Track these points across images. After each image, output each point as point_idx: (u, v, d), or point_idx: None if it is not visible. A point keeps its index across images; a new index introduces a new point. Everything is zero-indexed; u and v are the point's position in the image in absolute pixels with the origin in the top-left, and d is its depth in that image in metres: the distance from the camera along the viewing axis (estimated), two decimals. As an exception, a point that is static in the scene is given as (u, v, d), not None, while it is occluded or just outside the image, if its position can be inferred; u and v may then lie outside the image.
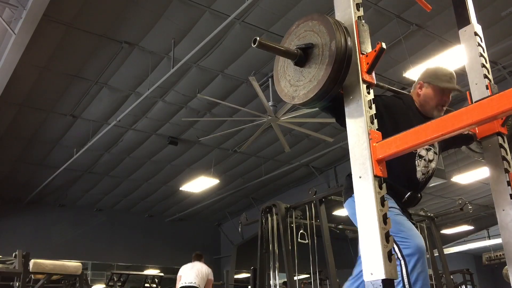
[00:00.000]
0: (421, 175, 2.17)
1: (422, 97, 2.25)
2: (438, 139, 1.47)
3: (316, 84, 1.67)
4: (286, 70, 1.88)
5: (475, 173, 10.00)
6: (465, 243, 17.51)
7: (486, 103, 1.33)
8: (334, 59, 1.60)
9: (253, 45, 1.70)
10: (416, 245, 1.91)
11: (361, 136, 1.55)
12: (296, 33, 1.85)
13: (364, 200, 1.48)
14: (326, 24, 1.69)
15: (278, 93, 1.90)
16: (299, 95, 1.76)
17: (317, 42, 1.72)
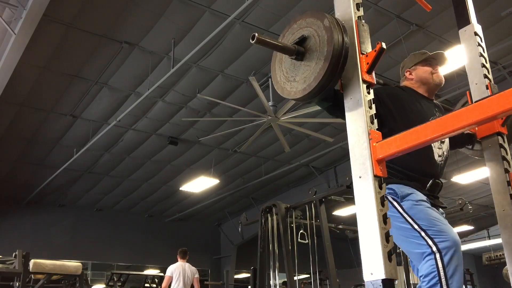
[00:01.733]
0: (438, 157, 2.17)
1: (415, 80, 2.29)
2: (438, 139, 1.47)
3: (313, 79, 1.70)
4: (282, 66, 1.90)
5: (475, 173, 10.00)
6: (465, 243, 17.51)
7: (486, 103, 1.33)
8: (331, 54, 1.63)
9: (251, 41, 1.72)
10: (453, 238, 1.84)
11: (361, 136, 1.55)
12: (294, 29, 1.90)
13: (364, 200, 1.48)
14: (322, 20, 1.75)
15: (275, 89, 1.92)
16: (297, 90, 1.79)
17: (313, 36, 1.76)
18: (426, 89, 2.26)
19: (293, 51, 1.80)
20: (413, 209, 1.91)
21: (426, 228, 1.85)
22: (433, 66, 2.29)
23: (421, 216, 1.89)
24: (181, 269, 6.91)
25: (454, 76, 6.74)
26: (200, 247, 13.95)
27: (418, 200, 1.94)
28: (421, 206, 1.92)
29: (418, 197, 1.96)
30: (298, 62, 1.81)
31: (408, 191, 1.97)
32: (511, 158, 1.73)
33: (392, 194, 1.97)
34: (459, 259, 1.83)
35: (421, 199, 1.96)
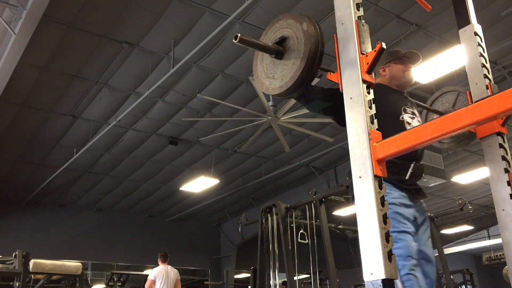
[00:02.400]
0: None
1: (388, 76, 2.41)
2: (438, 139, 1.47)
3: (290, 78, 1.83)
4: (263, 62, 2.03)
5: (475, 173, 10.00)
6: (465, 243, 17.51)
7: (486, 103, 1.33)
8: (307, 56, 1.77)
9: (234, 40, 1.84)
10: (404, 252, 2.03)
11: (361, 136, 1.56)
12: (276, 28, 2.01)
13: (364, 200, 1.48)
14: (301, 22, 1.86)
15: (255, 83, 2.07)
16: (275, 87, 1.92)
17: (292, 37, 1.87)
18: (397, 85, 2.40)
19: (273, 50, 1.93)
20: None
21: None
22: (405, 64, 2.41)
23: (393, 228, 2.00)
24: (164, 272, 7.10)
25: (454, 76, 6.74)
26: (200, 247, 13.95)
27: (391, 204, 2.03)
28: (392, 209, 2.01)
29: (392, 197, 2.10)
30: (277, 60, 1.93)
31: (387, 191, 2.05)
32: (511, 158, 1.73)
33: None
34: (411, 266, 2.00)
35: (393, 202, 2.08)
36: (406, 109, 2.30)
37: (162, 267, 7.18)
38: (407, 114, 2.27)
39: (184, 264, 14.30)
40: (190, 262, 14.19)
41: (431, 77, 6.66)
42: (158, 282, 6.96)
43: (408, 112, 2.30)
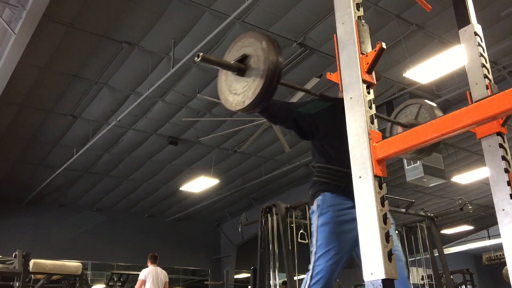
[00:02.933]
0: None
1: None
2: (438, 139, 1.47)
3: (251, 94, 1.95)
4: (228, 79, 2.14)
5: (475, 173, 10.00)
6: (465, 243, 17.51)
7: (486, 103, 1.34)
8: (266, 73, 1.87)
9: (196, 59, 1.96)
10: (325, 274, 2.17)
11: (361, 136, 1.56)
12: (238, 46, 2.12)
13: (364, 200, 1.48)
14: (261, 41, 1.96)
15: (220, 99, 2.18)
16: (237, 103, 2.03)
17: (253, 56, 1.99)
18: None
19: (234, 68, 2.04)
20: (323, 227, 2.19)
21: (318, 249, 2.18)
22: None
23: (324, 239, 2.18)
24: (154, 273, 7.25)
25: (454, 76, 6.75)
26: (200, 247, 13.95)
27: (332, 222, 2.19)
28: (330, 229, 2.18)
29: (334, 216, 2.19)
30: (240, 77, 2.04)
31: (329, 207, 2.21)
32: (511, 158, 1.73)
33: (318, 207, 2.24)
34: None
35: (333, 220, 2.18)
36: None
37: (152, 268, 7.38)
38: None
39: (184, 264, 14.32)
40: (190, 262, 14.20)
41: (431, 77, 6.66)
42: (148, 282, 7.14)
43: None
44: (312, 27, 6.08)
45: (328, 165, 2.30)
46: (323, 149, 2.35)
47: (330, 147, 2.33)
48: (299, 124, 2.31)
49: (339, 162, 2.27)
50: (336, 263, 2.17)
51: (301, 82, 6.80)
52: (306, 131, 2.35)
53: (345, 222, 2.20)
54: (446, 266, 6.59)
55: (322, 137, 2.34)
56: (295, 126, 2.32)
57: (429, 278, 7.71)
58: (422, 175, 7.74)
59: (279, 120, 2.31)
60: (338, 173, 2.26)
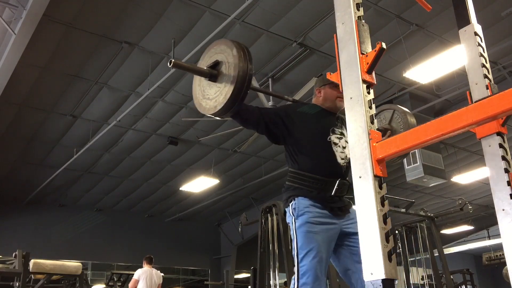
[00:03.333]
0: (341, 160, 2.38)
1: (322, 98, 2.54)
2: (438, 139, 1.47)
3: (222, 99, 2.04)
4: (201, 84, 2.23)
5: (475, 173, 10.00)
6: (465, 243, 17.51)
7: (486, 103, 1.34)
8: (236, 80, 1.98)
9: (169, 65, 2.06)
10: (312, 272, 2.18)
11: (361, 136, 1.56)
12: (212, 52, 2.21)
13: (364, 200, 1.48)
14: (232, 48, 2.06)
15: (194, 103, 2.28)
16: (210, 107, 2.13)
17: (225, 62, 2.09)
18: (329, 107, 2.52)
19: (207, 74, 2.14)
20: (301, 228, 2.25)
21: (299, 250, 2.23)
22: (339, 90, 2.53)
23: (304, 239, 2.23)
24: (148, 274, 7.40)
25: (454, 76, 6.75)
26: (200, 247, 13.95)
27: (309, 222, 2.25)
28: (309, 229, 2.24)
29: (310, 216, 2.26)
30: (212, 83, 2.13)
31: (305, 209, 2.27)
32: (511, 158, 1.73)
33: (294, 210, 2.30)
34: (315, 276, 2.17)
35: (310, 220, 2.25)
36: (334, 129, 2.44)
37: (147, 268, 7.54)
38: (334, 135, 2.42)
39: (184, 264, 14.32)
40: (190, 262, 14.20)
41: (431, 77, 6.66)
42: (141, 282, 7.33)
43: (337, 132, 2.44)
44: (312, 27, 6.08)
45: (300, 171, 2.35)
46: (295, 154, 2.39)
47: (302, 153, 2.38)
48: (271, 129, 2.38)
49: (311, 168, 2.33)
50: (319, 261, 2.21)
51: (301, 82, 6.80)
52: (277, 136, 2.43)
53: (318, 223, 2.26)
54: (446, 266, 6.60)
55: (294, 143, 2.40)
56: (266, 131, 2.39)
57: (429, 278, 7.71)
58: (422, 175, 7.74)
59: (251, 124, 2.39)
60: (310, 179, 2.31)
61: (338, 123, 2.51)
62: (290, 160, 2.43)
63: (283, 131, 2.39)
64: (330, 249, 2.30)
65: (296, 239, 2.25)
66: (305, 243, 2.22)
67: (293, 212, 2.30)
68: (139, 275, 7.36)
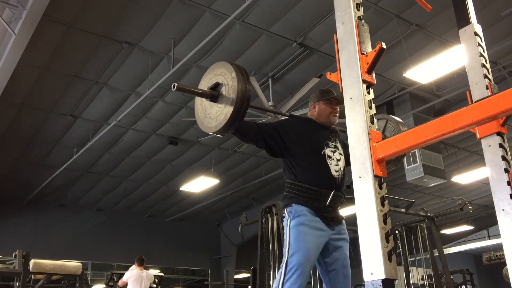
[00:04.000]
0: (335, 172, 2.53)
1: (316, 113, 2.68)
2: (438, 139, 1.47)
3: (222, 119, 2.18)
4: (203, 103, 2.37)
5: (475, 173, 10.00)
6: (465, 243, 17.51)
7: (486, 103, 1.34)
8: (235, 101, 2.11)
9: (173, 89, 2.24)
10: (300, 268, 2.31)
11: (361, 136, 1.56)
12: (212, 74, 2.35)
13: (364, 200, 1.48)
14: (231, 71, 2.20)
15: (197, 122, 2.41)
16: (211, 126, 2.27)
17: (225, 84, 2.21)
18: (323, 122, 2.66)
19: (208, 95, 2.27)
20: (295, 228, 2.39)
21: (291, 247, 2.35)
22: (333, 106, 2.66)
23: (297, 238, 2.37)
24: (137, 276, 7.41)
25: (454, 76, 6.74)
26: (200, 247, 13.95)
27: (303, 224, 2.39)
28: (302, 230, 2.38)
29: (305, 219, 2.40)
30: (213, 103, 2.27)
31: (301, 212, 2.41)
32: (511, 158, 1.73)
33: (290, 213, 2.45)
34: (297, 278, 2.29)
35: (305, 223, 2.38)
36: (328, 143, 2.58)
37: (137, 271, 7.54)
38: (329, 148, 2.56)
39: (184, 264, 14.32)
40: (190, 262, 14.20)
41: (431, 77, 6.66)
42: (130, 283, 7.36)
43: (331, 146, 2.58)
44: (312, 27, 6.08)
45: (297, 182, 2.49)
46: (292, 167, 2.53)
47: (299, 165, 2.51)
48: (269, 143, 2.49)
49: (307, 179, 2.47)
50: (307, 261, 2.33)
51: (301, 82, 6.80)
52: (275, 150, 2.54)
53: (311, 227, 2.40)
54: (446, 266, 6.59)
55: (291, 156, 2.53)
56: (265, 145, 2.50)
57: (429, 278, 7.71)
58: (422, 175, 7.74)
59: (250, 139, 2.49)
60: (306, 189, 2.45)
61: (332, 136, 2.65)
62: (287, 171, 2.56)
63: (280, 145, 2.51)
64: (317, 253, 2.43)
65: (289, 236, 2.39)
66: (297, 242, 2.35)
67: (289, 215, 2.45)
68: (128, 278, 7.40)
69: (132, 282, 7.32)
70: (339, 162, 2.56)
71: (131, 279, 7.34)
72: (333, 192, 2.46)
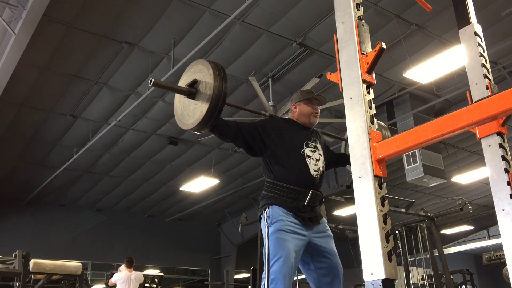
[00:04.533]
0: (314, 172, 2.53)
1: (297, 114, 2.70)
2: (438, 139, 1.47)
3: (198, 115, 2.21)
4: (182, 101, 2.39)
5: (475, 173, 10.00)
6: (465, 243, 17.51)
7: (486, 103, 1.34)
8: (211, 98, 2.16)
9: (149, 84, 2.21)
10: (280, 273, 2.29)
11: (361, 136, 1.56)
12: (191, 72, 2.37)
13: (364, 200, 1.48)
14: (208, 68, 2.23)
15: (175, 119, 2.44)
16: (188, 123, 2.29)
17: (202, 81, 2.25)
18: (304, 122, 2.69)
19: (185, 92, 2.30)
20: (273, 235, 2.37)
21: (271, 254, 2.34)
22: (314, 106, 2.70)
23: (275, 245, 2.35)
24: (125, 279, 7.40)
25: (454, 76, 6.74)
26: (200, 247, 13.95)
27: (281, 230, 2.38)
28: (280, 236, 2.36)
29: (283, 225, 2.38)
30: (191, 100, 2.29)
31: (278, 217, 2.40)
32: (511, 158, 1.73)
33: (268, 218, 2.43)
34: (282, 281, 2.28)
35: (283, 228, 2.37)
36: (308, 143, 2.60)
37: (125, 273, 7.51)
38: (308, 148, 2.57)
39: (184, 264, 14.32)
40: (190, 262, 14.20)
41: (431, 77, 6.67)
42: (118, 286, 7.36)
43: (310, 146, 2.60)
44: (312, 27, 6.08)
45: (276, 181, 2.49)
46: (271, 166, 2.53)
47: (278, 164, 2.51)
48: (248, 142, 2.51)
49: (286, 178, 2.47)
50: (289, 268, 2.31)
51: (301, 82, 6.80)
52: (254, 149, 2.56)
53: (290, 232, 2.38)
54: (446, 266, 6.59)
55: (270, 155, 2.54)
56: (244, 144, 2.52)
57: (429, 278, 7.71)
58: (422, 175, 7.74)
59: (229, 138, 2.51)
60: (285, 189, 2.45)
61: (312, 137, 2.67)
62: (266, 170, 2.57)
63: (259, 144, 2.53)
64: (299, 257, 2.42)
65: (268, 245, 2.38)
66: (276, 249, 2.34)
67: (267, 219, 2.43)
68: (116, 280, 7.39)
69: (120, 284, 7.31)
70: (318, 162, 2.57)
71: (120, 281, 7.34)
72: (312, 191, 2.47)
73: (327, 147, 2.87)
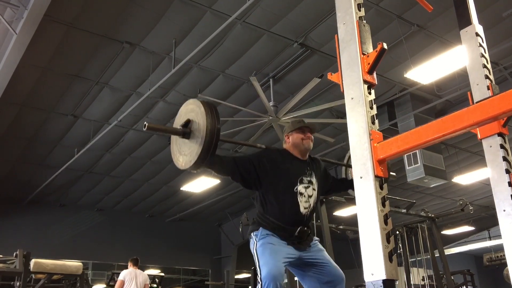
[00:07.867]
0: (304, 209, 2.59)
1: (291, 144, 2.75)
2: (439, 140, 1.47)
3: (194, 155, 2.23)
4: (178, 141, 2.42)
5: (476, 174, 9.99)
6: (466, 244, 17.49)
7: (487, 103, 1.34)
8: (205, 138, 2.18)
9: (144, 129, 2.25)
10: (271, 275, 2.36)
11: (362, 137, 1.56)
12: (184, 112, 2.41)
13: (365, 200, 1.48)
14: (200, 107, 2.26)
15: (172, 158, 2.47)
16: (185, 162, 2.31)
17: (195, 121, 2.28)
18: (299, 152, 2.72)
19: (180, 133, 2.32)
20: (261, 247, 2.47)
21: (260, 264, 2.42)
22: (305, 133, 2.74)
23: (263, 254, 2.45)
24: (133, 275, 7.49)
25: (455, 76, 6.74)
26: (200, 247, 13.96)
27: (269, 243, 2.48)
28: (267, 247, 2.47)
29: (271, 240, 2.49)
30: (186, 140, 2.32)
31: (266, 235, 2.51)
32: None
33: (256, 236, 2.55)
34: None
35: (270, 241, 2.48)
36: (303, 179, 2.64)
37: (132, 269, 7.60)
38: (302, 185, 2.62)
39: (185, 264, 14.32)
40: (191, 262, 14.20)
41: (432, 77, 6.66)
42: (128, 283, 7.40)
43: (304, 182, 2.63)
44: (313, 27, 6.08)
45: (266, 215, 2.58)
46: (263, 200, 2.62)
47: (269, 201, 2.60)
48: (244, 177, 2.60)
49: (275, 216, 2.55)
50: (279, 274, 2.38)
51: (302, 82, 6.80)
52: (250, 184, 2.64)
53: (278, 244, 2.50)
54: (447, 267, 6.59)
55: (264, 192, 2.62)
56: (241, 179, 2.61)
57: (429, 279, 7.71)
58: (423, 176, 7.74)
59: (226, 174, 2.62)
60: (274, 224, 2.54)
61: (308, 170, 2.70)
62: (259, 204, 2.65)
63: (255, 179, 2.61)
64: (288, 261, 2.52)
65: (257, 255, 2.47)
66: (265, 258, 2.43)
67: (255, 238, 2.55)
68: (124, 276, 7.46)
69: (129, 281, 7.40)
70: (310, 198, 2.63)
71: (128, 278, 7.43)
72: (299, 228, 2.54)
73: (327, 175, 2.91)
